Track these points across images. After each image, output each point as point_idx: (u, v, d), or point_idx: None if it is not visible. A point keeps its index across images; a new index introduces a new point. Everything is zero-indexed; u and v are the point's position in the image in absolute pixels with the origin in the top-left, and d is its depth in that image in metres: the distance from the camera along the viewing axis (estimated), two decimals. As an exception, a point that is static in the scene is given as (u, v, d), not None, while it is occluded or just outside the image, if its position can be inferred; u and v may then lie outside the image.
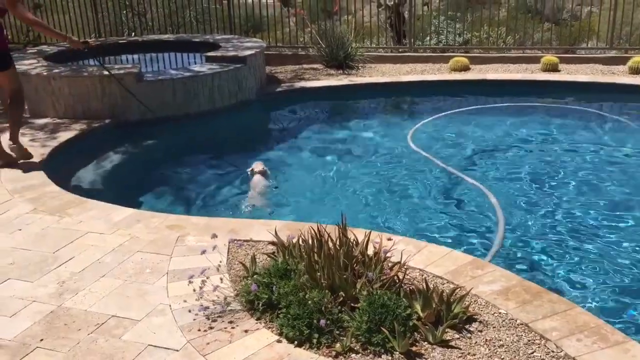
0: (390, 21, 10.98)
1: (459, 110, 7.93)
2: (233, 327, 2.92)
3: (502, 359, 2.66)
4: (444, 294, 2.91)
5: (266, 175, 5.69)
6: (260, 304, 2.99)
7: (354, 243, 3.26)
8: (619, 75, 8.64)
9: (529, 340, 2.76)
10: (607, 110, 7.82)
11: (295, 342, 2.78)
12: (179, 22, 11.63)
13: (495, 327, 2.87)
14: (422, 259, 3.47)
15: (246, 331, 2.89)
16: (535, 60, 9.34)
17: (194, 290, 3.09)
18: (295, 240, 3.29)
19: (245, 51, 8.07)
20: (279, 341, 2.80)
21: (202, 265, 3.40)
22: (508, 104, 8.15)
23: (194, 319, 3.00)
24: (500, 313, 2.97)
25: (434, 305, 2.87)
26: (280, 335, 2.84)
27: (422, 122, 7.36)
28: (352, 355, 2.70)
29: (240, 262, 3.47)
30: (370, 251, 3.21)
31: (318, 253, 3.12)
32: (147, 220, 4.21)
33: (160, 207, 5.17)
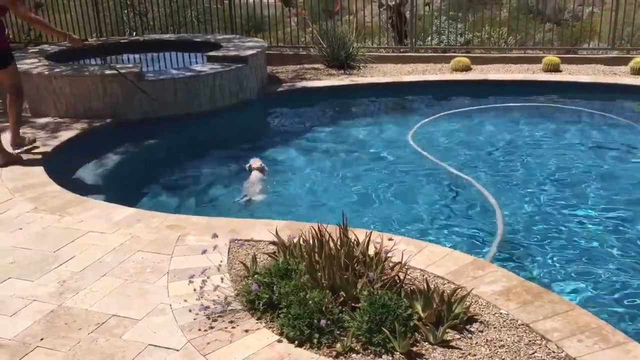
0: (391, 21, 10.98)
1: (460, 110, 7.92)
2: (233, 327, 2.92)
3: (503, 359, 2.66)
4: (444, 294, 2.91)
5: (264, 172, 5.69)
6: (261, 304, 2.99)
7: (355, 243, 3.26)
8: (620, 76, 8.63)
9: (529, 341, 2.76)
10: (608, 111, 7.80)
11: (296, 342, 2.77)
12: (180, 21, 11.63)
13: (496, 327, 2.87)
14: (423, 259, 3.47)
15: (247, 331, 2.89)
16: (537, 60, 9.33)
17: (194, 289, 3.09)
18: (296, 240, 3.29)
19: (247, 51, 8.07)
20: (280, 341, 2.80)
21: (203, 264, 3.40)
22: (509, 104, 8.14)
23: (195, 319, 3.00)
24: (501, 313, 2.96)
25: (435, 305, 2.86)
26: (280, 335, 2.84)
27: (423, 122, 7.35)
28: (353, 355, 2.69)
29: (240, 262, 3.47)
30: (371, 251, 3.20)
31: (319, 253, 3.11)
32: (147, 219, 4.21)
33: (161, 206, 5.17)
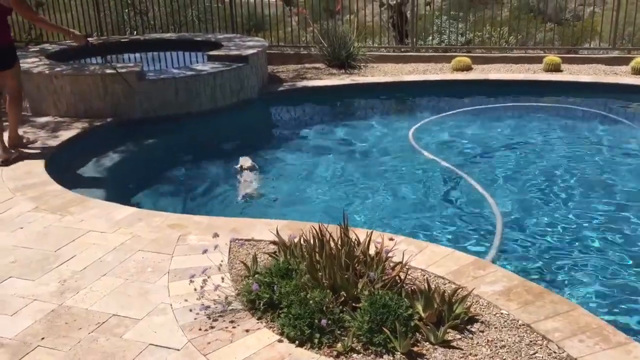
0: (392, 21, 10.97)
1: (461, 110, 7.92)
2: (234, 327, 2.92)
3: (504, 359, 2.66)
4: (445, 294, 2.91)
5: (255, 169, 5.69)
6: (262, 304, 2.99)
7: (356, 243, 3.26)
8: (621, 76, 8.62)
9: (530, 341, 2.76)
10: (610, 111, 7.80)
11: (297, 342, 2.77)
12: (181, 21, 11.63)
13: (497, 327, 2.87)
14: (423, 259, 3.47)
15: (247, 331, 2.89)
16: (538, 60, 9.32)
17: (195, 289, 3.09)
18: (296, 240, 3.29)
19: (248, 50, 8.07)
20: (280, 341, 2.80)
21: (204, 264, 3.39)
22: (510, 103, 8.13)
23: (195, 318, 3.00)
24: (502, 314, 2.96)
25: (436, 305, 2.86)
26: (281, 335, 2.83)
27: (423, 122, 7.35)
28: (354, 355, 2.69)
29: (241, 262, 3.47)
30: (372, 251, 3.20)
31: (319, 253, 3.11)
32: (148, 219, 4.21)
33: (161, 205, 5.17)
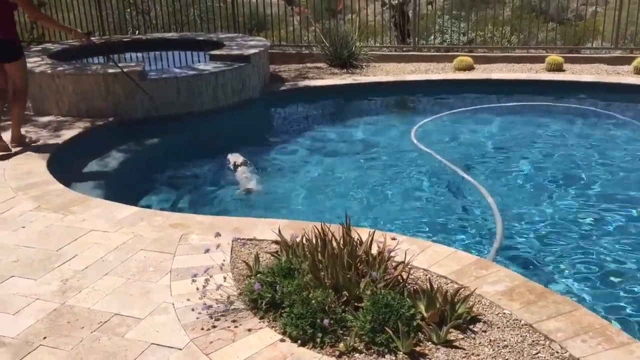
0: (394, 20, 10.96)
1: (462, 109, 7.91)
2: (236, 326, 2.91)
3: (507, 359, 2.65)
4: (448, 294, 2.91)
5: (248, 164, 5.70)
6: (264, 303, 2.99)
7: (358, 242, 3.25)
8: (624, 75, 8.61)
9: (533, 341, 2.75)
10: (612, 110, 7.78)
11: (299, 342, 2.77)
12: (183, 20, 11.64)
13: (499, 327, 2.86)
14: (426, 258, 3.46)
15: (249, 330, 2.88)
16: (540, 59, 9.30)
17: (197, 288, 3.09)
18: (299, 240, 3.29)
19: (249, 50, 8.07)
20: (283, 340, 2.80)
21: (206, 264, 3.39)
22: (512, 103, 8.12)
23: (197, 318, 3.00)
24: (504, 313, 2.95)
25: (438, 305, 2.86)
26: (283, 334, 2.83)
27: (425, 121, 7.34)
28: (356, 355, 2.69)
29: (243, 261, 3.47)
30: (374, 251, 3.20)
31: (322, 252, 3.11)
32: (150, 218, 4.21)
33: (163, 205, 5.18)
